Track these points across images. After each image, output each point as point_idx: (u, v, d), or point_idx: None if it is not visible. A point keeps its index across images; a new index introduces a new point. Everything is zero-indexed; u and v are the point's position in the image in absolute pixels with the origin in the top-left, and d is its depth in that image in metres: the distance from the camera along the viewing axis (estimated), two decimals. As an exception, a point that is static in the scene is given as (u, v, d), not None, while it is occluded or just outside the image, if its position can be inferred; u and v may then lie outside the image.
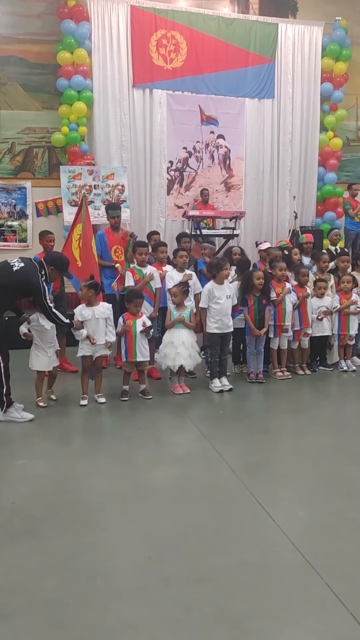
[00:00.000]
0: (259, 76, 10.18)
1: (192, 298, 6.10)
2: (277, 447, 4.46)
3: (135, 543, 3.03)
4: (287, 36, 10.31)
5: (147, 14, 9.42)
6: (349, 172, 11.51)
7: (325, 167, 10.82)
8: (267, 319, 6.00)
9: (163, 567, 2.81)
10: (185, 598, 2.57)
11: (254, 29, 10.07)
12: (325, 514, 3.34)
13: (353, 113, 11.44)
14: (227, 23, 9.92)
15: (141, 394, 5.51)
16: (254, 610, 2.48)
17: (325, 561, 2.82)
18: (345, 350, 6.60)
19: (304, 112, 10.57)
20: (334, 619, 2.42)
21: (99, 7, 9.17)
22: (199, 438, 4.52)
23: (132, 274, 6.02)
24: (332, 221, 10.65)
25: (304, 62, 10.47)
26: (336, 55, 10.56)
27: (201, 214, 9.05)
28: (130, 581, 2.71)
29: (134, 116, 9.55)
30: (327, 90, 10.63)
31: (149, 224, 9.66)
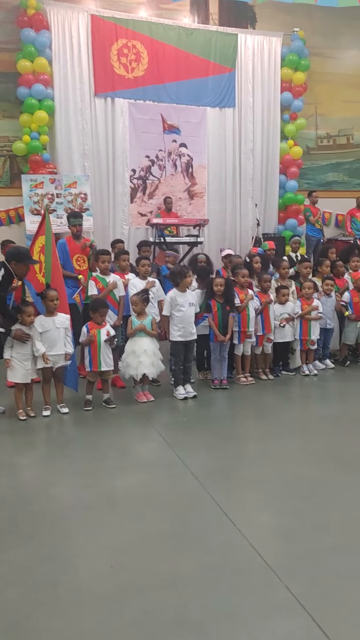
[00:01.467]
0: (219, 85, 10.30)
1: (156, 305, 6.12)
2: (241, 452, 4.51)
3: (98, 552, 3.02)
4: (246, 46, 10.47)
5: (107, 23, 9.46)
6: (309, 180, 11.73)
7: (286, 175, 11.00)
8: (230, 325, 6.06)
9: (125, 574, 2.82)
10: (146, 604, 2.58)
11: (214, 39, 10.20)
12: (286, 516, 3.39)
13: (312, 122, 11.67)
14: (188, 33, 10.02)
15: (105, 403, 5.49)
16: (214, 614, 2.51)
17: (284, 563, 2.86)
18: (307, 355, 6.71)
19: (265, 121, 10.73)
20: (292, 620, 2.47)
21: (58, 16, 9.16)
22: (163, 445, 4.53)
23: (95, 282, 6.01)
24: (294, 228, 10.82)
25: (264, 72, 10.65)
26: (295, 65, 10.77)
27: (165, 222, 9.09)
28: (92, 590, 2.71)
29: (96, 125, 9.55)
30: (287, 99, 10.83)
31: (112, 232, 9.65)
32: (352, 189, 12.01)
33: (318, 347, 6.81)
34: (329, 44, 11.60)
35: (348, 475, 3.93)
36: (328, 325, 6.84)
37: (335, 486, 3.78)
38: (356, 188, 12.10)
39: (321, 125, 11.87)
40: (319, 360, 6.86)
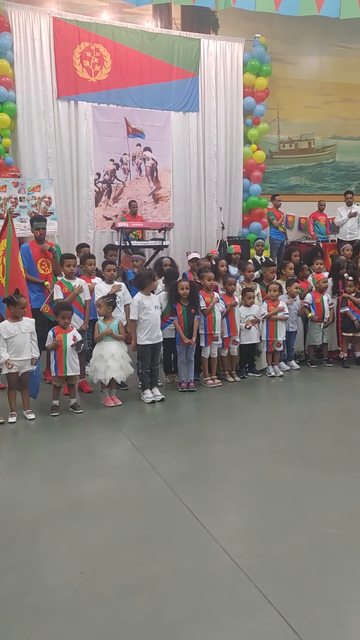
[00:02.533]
0: (183, 90, 10.36)
1: (122, 309, 6.10)
2: (209, 454, 4.52)
3: (67, 558, 2.99)
4: (209, 51, 10.56)
5: (69, 26, 9.41)
6: (273, 183, 11.90)
7: (250, 179, 11.12)
8: (196, 328, 6.08)
9: (94, 580, 2.79)
10: (117, 610, 2.56)
11: (176, 43, 10.25)
12: (255, 516, 3.42)
13: (275, 127, 11.86)
14: (151, 37, 10.05)
15: (72, 408, 5.44)
16: (185, 616, 2.51)
17: (254, 563, 2.89)
18: (273, 356, 6.78)
19: (228, 126, 10.84)
20: (263, 619, 2.49)
21: (20, 18, 9.07)
22: (131, 449, 4.52)
23: (60, 286, 5.96)
24: (258, 231, 10.95)
25: (227, 77, 10.75)
26: (257, 70, 10.91)
27: (130, 226, 9.08)
28: (62, 598, 2.67)
29: (59, 128, 9.48)
30: (250, 104, 10.96)
31: (77, 236, 9.58)
32: (314, 193, 12.25)
33: (283, 349, 6.89)
34: (290, 50, 11.83)
35: (315, 474, 3.99)
36: (291, 327, 6.93)
37: (303, 485, 3.82)
38: (318, 192, 12.34)
39: (283, 130, 12.08)
40: (284, 362, 6.95)
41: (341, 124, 12.60)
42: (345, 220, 10.82)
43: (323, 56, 12.28)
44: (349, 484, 3.82)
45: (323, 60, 12.30)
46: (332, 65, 12.34)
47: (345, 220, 10.82)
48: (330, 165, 12.64)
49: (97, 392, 5.94)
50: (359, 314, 7.02)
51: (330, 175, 12.62)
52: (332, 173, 12.65)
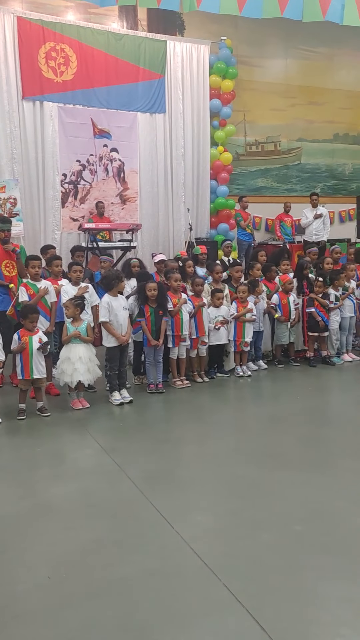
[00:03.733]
0: (149, 91, 10.35)
1: (89, 311, 6.06)
2: (178, 455, 4.53)
3: (35, 563, 2.96)
4: (175, 53, 10.58)
5: (34, 25, 9.30)
6: (240, 185, 11.99)
7: (217, 181, 11.18)
8: (163, 330, 6.09)
9: (64, 584, 2.77)
10: (87, 613, 2.55)
11: (143, 44, 10.24)
12: (223, 516, 3.44)
13: (241, 129, 11.96)
14: (117, 38, 10.02)
15: (39, 412, 5.38)
16: (156, 618, 2.51)
17: (222, 562, 2.90)
18: (241, 357, 6.84)
19: (195, 127, 10.87)
20: (231, 618, 2.50)
21: (-17, 17, 8.94)
22: (99, 452, 4.49)
23: (25, 288, 5.88)
24: (226, 232, 11.01)
25: (193, 79, 10.79)
26: (223, 73, 10.98)
27: (97, 227, 9.02)
28: (30, 603, 2.64)
29: (25, 128, 9.36)
30: (216, 106, 11.03)
31: (43, 237, 9.47)
32: (280, 195, 12.39)
33: (251, 349, 6.95)
34: (256, 53, 11.95)
35: (282, 473, 4.03)
36: (260, 327, 6.99)
37: (271, 484, 3.86)
38: (284, 193, 12.50)
39: (250, 132, 12.19)
40: (252, 362, 7.01)
41: (306, 126, 12.79)
42: (311, 222, 10.97)
43: (288, 59, 12.44)
44: (316, 482, 3.87)
45: (288, 64, 12.46)
46: (296, 68, 12.51)
47: (311, 221, 10.96)
48: (296, 167, 12.82)
49: (64, 394, 5.89)
50: (324, 314, 7.13)
51: (296, 177, 12.79)
52: (297, 175, 12.83)
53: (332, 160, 13.19)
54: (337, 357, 7.36)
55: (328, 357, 7.28)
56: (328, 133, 13.08)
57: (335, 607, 2.55)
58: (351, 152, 13.39)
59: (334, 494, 3.68)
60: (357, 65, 13.14)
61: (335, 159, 13.23)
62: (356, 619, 2.48)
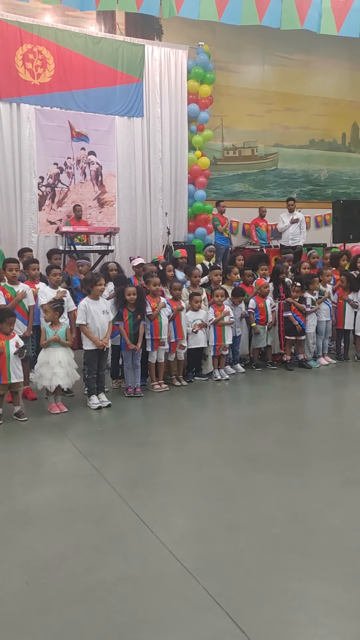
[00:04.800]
0: (127, 95, 10.37)
1: (67, 316, 6.02)
2: (157, 459, 4.52)
3: (12, 570, 2.92)
4: (153, 57, 10.61)
5: (11, 27, 9.25)
6: (217, 189, 12.06)
7: (195, 185, 11.24)
8: (141, 334, 6.08)
9: (41, 591, 2.74)
10: (65, 619, 2.53)
11: (121, 48, 10.26)
12: (202, 518, 3.44)
13: (219, 133, 12.04)
14: (95, 41, 10.01)
15: (16, 416, 5.33)
16: (134, 622, 2.50)
17: (201, 564, 2.91)
18: (219, 360, 6.87)
19: (173, 132, 10.92)
20: (210, 620, 2.51)
21: None
22: (77, 456, 4.47)
23: (2, 292, 5.83)
24: (203, 236, 11.07)
25: (171, 83, 10.84)
26: (201, 78, 11.05)
27: (75, 230, 8.99)
28: (7, 610, 2.61)
29: (1, 130, 9.30)
30: (194, 111, 11.09)
31: (20, 240, 9.41)
32: (257, 199, 12.50)
33: (228, 353, 6.99)
34: (233, 59, 12.04)
35: (260, 475, 4.05)
36: (237, 332, 7.03)
37: (249, 486, 3.88)
38: (261, 198, 12.61)
39: (227, 137, 12.27)
40: (229, 365, 7.04)
41: (283, 132, 12.93)
42: (287, 227, 11.08)
43: (265, 66, 12.57)
44: (293, 484, 3.91)
45: (265, 70, 12.58)
46: (273, 74, 12.65)
47: (287, 226, 11.07)
48: (273, 172, 12.94)
49: (42, 399, 5.84)
50: (301, 318, 7.20)
51: (272, 182, 12.91)
52: (274, 180, 12.95)
53: (308, 165, 13.35)
54: (313, 361, 7.44)
55: (305, 360, 7.36)
56: (304, 139, 13.24)
57: (313, 608, 2.58)
58: (327, 158, 13.57)
59: (312, 496, 3.72)
60: (333, 73, 13.33)
61: (312, 165, 13.40)
62: (333, 620, 2.51)
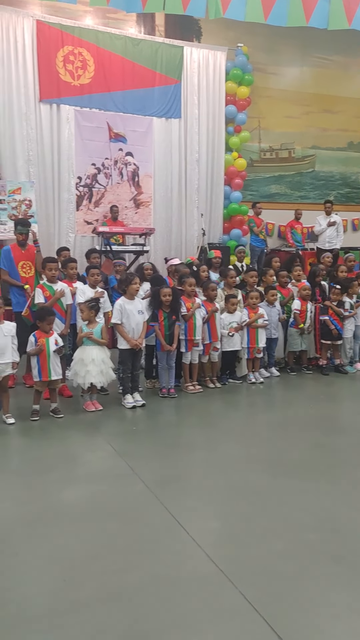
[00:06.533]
0: (165, 96, 10.41)
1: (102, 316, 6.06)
2: (190, 460, 4.52)
3: (46, 567, 2.95)
4: (192, 59, 10.63)
5: (53, 29, 9.38)
6: (253, 191, 12.00)
7: (231, 186, 11.20)
8: (176, 335, 6.09)
9: (75, 589, 2.76)
10: (97, 618, 2.54)
11: (160, 50, 10.30)
12: (235, 522, 3.43)
13: (256, 135, 11.98)
14: (134, 43, 10.08)
15: (52, 413, 5.40)
16: (168, 624, 2.50)
17: (237, 568, 2.89)
18: (254, 363, 6.83)
19: (210, 133, 10.91)
20: (247, 625, 2.49)
21: (3, 20, 9.01)
22: (112, 455, 4.50)
23: (42, 290, 5.91)
24: (238, 238, 11.03)
25: (209, 85, 10.83)
26: (239, 79, 11.02)
27: (111, 230, 9.07)
28: (41, 606, 2.64)
29: (41, 131, 9.43)
30: (231, 112, 11.06)
31: (57, 240, 9.53)
32: (293, 201, 12.39)
33: (263, 356, 6.94)
34: (271, 60, 11.97)
35: (293, 481, 4.01)
36: (273, 334, 6.98)
37: (281, 492, 3.85)
38: (297, 200, 12.50)
39: (264, 138, 12.20)
40: (264, 369, 7.00)
41: (320, 134, 12.79)
42: (324, 229, 10.96)
43: (303, 67, 12.46)
44: (327, 491, 3.86)
45: (303, 72, 12.47)
46: (311, 76, 12.52)
47: (324, 229, 10.96)
48: (310, 174, 12.81)
49: (77, 396, 5.90)
50: (338, 322, 7.10)
51: (309, 184, 12.79)
52: (311, 182, 12.82)
53: (346, 168, 13.18)
54: (350, 366, 7.34)
55: (341, 365, 7.26)
56: (342, 141, 13.07)
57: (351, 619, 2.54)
58: (365, 160, 13.38)
59: (345, 503, 3.67)
60: (373, 74, 13.12)
61: (349, 167, 13.21)
62: (372, 630, 2.47)
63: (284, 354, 7.36)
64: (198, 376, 6.50)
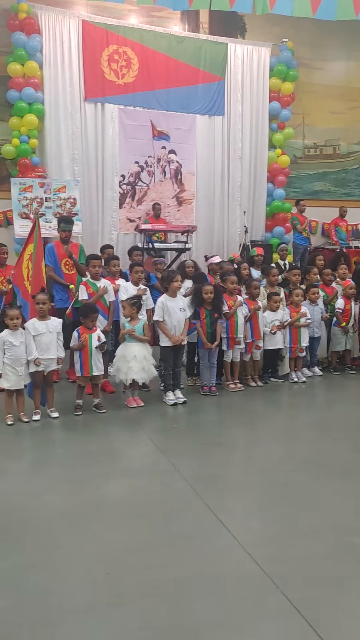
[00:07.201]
0: (209, 93, 10.37)
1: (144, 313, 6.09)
2: (231, 459, 4.51)
3: (88, 560, 2.99)
4: (236, 56, 10.56)
5: (98, 29, 9.47)
6: (297, 188, 11.83)
7: (274, 184, 11.08)
8: (218, 333, 6.07)
9: (116, 583, 2.77)
10: (138, 613, 2.55)
11: (204, 47, 10.27)
12: (278, 522, 3.39)
13: (300, 132, 11.80)
14: (178, 41, 10.08)
15: (95, 408, 5.47)
16: (209, 622, 2.49)
17: (279, 569, 2.86)
18: (296, 362, 6.74)
19: (253, 130, 10.82)
20: (290, 627, 2.46)
21: (50, 21, 9.16)
22: (153, 451, 4.52)
23: (85, 287, 5.99)
24: (281, 236, 10.90)
25: (253, 82, 10.74)
26: (283, 75, 10.88)
27: (153, 228, 9.10)
28: (83, 599, 2.66)
29: (86, 129, 9.55)
30: (275, 109, 10.94)
31: (101, 238, 9.63)
32: (338, 199, 12.16)
33: (306, 355, 6.85)
34: (316, 55, 11.76)
35: (334, 482, 3.95)
36: (315, 333, 6.87)
37: (323, 493, 3.79)
38: (342, 198, 12.25)
39: (308, 135, 12.01)
40: (307, 368, 6.90)
41: (366, 130, 12.50)
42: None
43: (349, 62, 12.19)
44: (372, 493, 3.78)
45: (349, 66, 12.20)
46: (358, 71, 12.24)
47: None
48: (355, 171, 12.53)
49: (119, 392, 5.96)
50: (383, 322, 6.94)
51: (354, 181, 12.51)
52: (356, 179, 12.54)
53: (393, 164, 12.84)
54: (394, 367, 7.17)
55: (386, 365, 7.10)
56: (389, 137, 12.74)
57: None
58: None
59: (393, 507, 3.58)
60: None
61: None
62: None
63: (327, 353, 7.24)
64: (240, 374, 6.46)
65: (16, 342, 5.07)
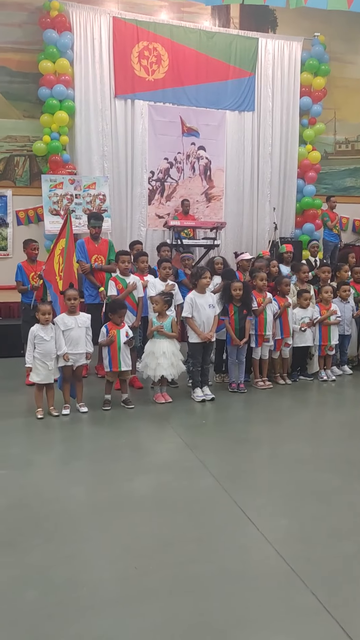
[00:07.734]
0: (239, 89, 10.31)
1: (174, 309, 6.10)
2: (258, 456, 4.48)
3: (117, 554, 3.00)
4: (267, 50, 10.46)
5: (129, 25, 9.50)
6: (327, 184, 11.68)
7: (304, 180, 10.97)
8: (247, 329, 6.04)
9: (145, 577, 2.78)
10: (167, 608, 2.55)
11: (234, 42, 10.20)
12: (305, 520, 3.36)
13: (331, 127, 11.63)
14: (209, 36, 10.04)
15: (123, 404, 5.50)
16: (237, 619, 2.48)
17: (308, 568, 2.83)
18: (325, 361, 6.67)
19: (284, 125, 10.72)
20: (318, 626, 2.44)
21: (81, 18, 9.22)
22: (181, 447, 4.52)
23: (115, 283, 6.02)
24: (311, 232, 10.78)
25: (284, 77, 10.63)
26: (315, 70, 10.74)
27: (182, 224, 9.10)
28: (112, 592, 2.67)
29: (116, 126, 9.59)
30: (306, 104, 10.81)
31: (130, 234, 9.67)
32: (369, 195, 11.97)
33: (335, 353, 6.77)
34: (349, 49, 11.57)
35: (365, 481, 3.90)
36: (346, 331, 6.79)
37: (350, 492, 3.75)
38: (374, 194, 12.05)
39: (340, 130, 11.83)
40: (337, 366, 6.82)
41: None
42: None
43: (383, 55, 11.97)
44: None
45: (383, 60, 11.98)
46: (392, 64, 12.00)
47: None
48: (387, 167, 12.31)
49: (147, 388, 5.98)
50: None
51: (386, 177, 12.30)
52: (388, 175, 12.33)
53: None
54: None
55: None
56: None
57: None
58: None
59: None
60: None
61: None
62: None
63: (358, 351, 7.14)
64: (268, 372, 6.42)
65: (46, 336, 5.14)
